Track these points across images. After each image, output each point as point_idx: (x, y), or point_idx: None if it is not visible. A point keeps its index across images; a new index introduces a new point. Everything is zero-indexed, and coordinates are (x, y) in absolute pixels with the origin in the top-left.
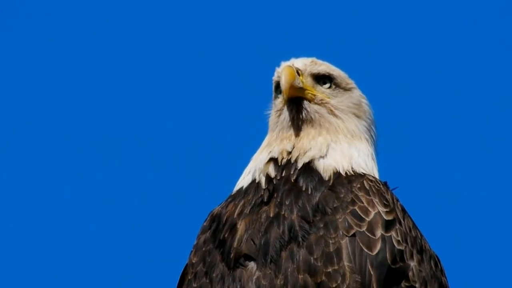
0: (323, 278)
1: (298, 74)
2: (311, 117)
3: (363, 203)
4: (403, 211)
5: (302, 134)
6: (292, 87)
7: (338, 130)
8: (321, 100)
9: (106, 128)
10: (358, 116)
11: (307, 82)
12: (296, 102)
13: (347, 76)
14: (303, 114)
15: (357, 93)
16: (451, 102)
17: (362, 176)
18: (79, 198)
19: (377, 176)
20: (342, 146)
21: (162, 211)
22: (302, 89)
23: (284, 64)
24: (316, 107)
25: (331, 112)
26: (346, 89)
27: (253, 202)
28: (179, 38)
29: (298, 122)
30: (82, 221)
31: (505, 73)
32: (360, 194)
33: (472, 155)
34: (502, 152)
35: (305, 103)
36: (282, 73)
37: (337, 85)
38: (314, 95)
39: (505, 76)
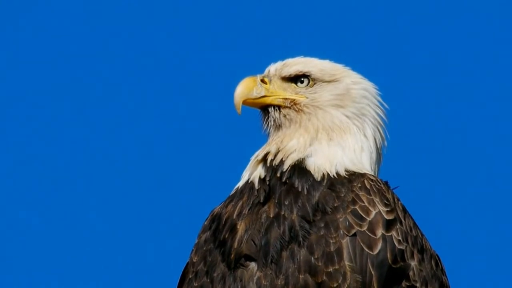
0: (324, 278)
1: (265, 83)
2: (281, 122)
3: (363, 202)
4: (404, 210)
5: (282, 137)
6: (246, 101)
7: (317, 128)
8: (292, 101)
9: (106, 128)
10: (341, 106)
11: (276, 86)
12: (264, 110)
13: (333, 68)
14: (274, 120)
15: (345, 82)
16: (451, 102)
17: (362, 175)
18: (80, 198)
19: (373, 163)
20: (322, 146)
21: (163, 210)
22: (264, 97)
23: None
24: (285, 111)
25: (304, 112)
26: (331, 81)
27: (250, 203)
28: (179, 39)
29: (275, 126)
30: (83, 221)
31: (506, 72)
32: (360, 193)
33: (472, 154)
34: (503, 151)
35: (271, 109)
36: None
37: (318, 80)
38: (284, 99)
39: (506, 75)
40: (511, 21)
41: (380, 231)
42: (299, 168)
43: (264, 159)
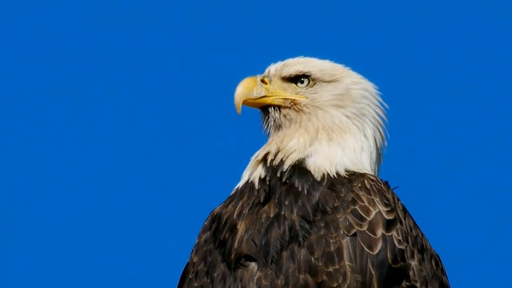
0: (324, 277)
1: (265, 83)
2: (281, 122)
3: (364, 202)
4: (404, 210)
5: (282, 137)
6: (246, 102)
7: (317, 128)
8: (292, 101)
9: (106, 128)
10: (341, 106)
11: (276, 86)
12: (264, 110)
13: (333, 68)
14: (274, 120)
15: (345, 82)
16: (452, 102)
17: (362, 175)
18: (79, 198)
19: (373, 163)
20: (322, 146)
21: (163, 210)
22: (264, 97)
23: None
24: (285, 111)
25: (304, 112)
26: (331, 81)
27: (251, 203)
28: (179, 39)
29: (276, 126)
30: (82, 221)
31: (507, 73)
32: (361, 193)
33: (472, 154)
34: (503, 151)
35: (271, 110)
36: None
37: (318, 80)
38: (284, 99)
39: (506, 75)
40: (511, 21)
41: (380, 231)
42: (299, 168)
43: (264, 159)
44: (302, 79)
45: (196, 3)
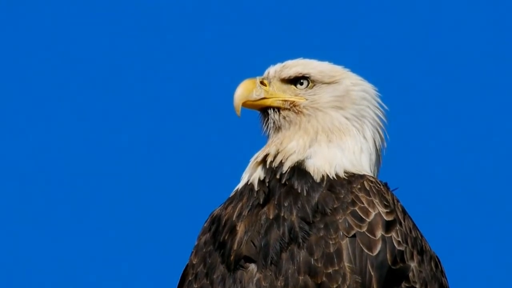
0: (324, 279)
1: (264, 84)
2: (281, 123)
3: (363, 203)
4: (404, 211)
5: (282, 138)
6: (246, 103)
7: (316, 130)
8: (292, 103)
9: (106, 129)
10: (340, 108)
11: (275, 88)
12: (264, 112)
13: (332, 69)
14: (273, 122)
15: (345, 83)
16: (451, 102)
17: (362, 176)
18: (80, 198)
19: (372, 164)
20: (322, 148)
21: (163, 211)
22: (263, 99)
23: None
24: (285, 112)
25: (303, 114)
26: (330, 83)
27: (250, 204)
28: (179, 40)
29: (275, 128)
30: (83, 221)
31: (507, 73)
32: (360, 194)
33: (472, 155)
34: (504, 151)
35: (271, 111)
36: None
37: (318, 81)
38: (284, 101)
39: (506, 76)
40: (510, 21)
41: (379, 232)
42: (299, 169)
43: (263, 160)
44: (302, 81)
45: (196, 4)
